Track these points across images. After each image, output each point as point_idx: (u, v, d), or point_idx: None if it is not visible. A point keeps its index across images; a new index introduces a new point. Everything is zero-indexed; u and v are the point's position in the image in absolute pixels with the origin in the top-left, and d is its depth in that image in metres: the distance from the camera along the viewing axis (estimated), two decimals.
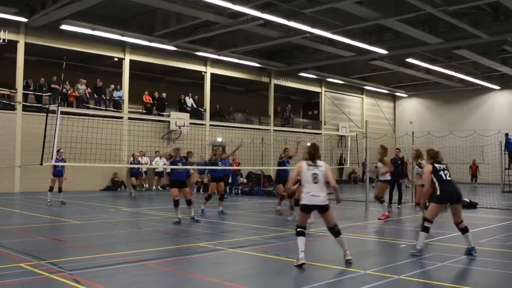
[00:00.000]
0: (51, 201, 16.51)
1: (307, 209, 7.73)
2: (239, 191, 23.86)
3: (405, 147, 23.47)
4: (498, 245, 9.72)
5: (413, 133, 20.13)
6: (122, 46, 26.27)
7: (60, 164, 15.29)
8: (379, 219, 13.64)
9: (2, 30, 22.15)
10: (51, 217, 13.65)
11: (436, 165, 8.75)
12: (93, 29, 22.94)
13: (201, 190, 24.92)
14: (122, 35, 24.21)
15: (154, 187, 26.43)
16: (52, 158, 11.32)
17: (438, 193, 8.47)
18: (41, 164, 11.87)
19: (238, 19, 21.88)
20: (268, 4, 19.90)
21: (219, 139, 29.29)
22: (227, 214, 14.63)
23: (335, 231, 7.76)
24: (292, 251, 8.74)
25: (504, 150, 27.03)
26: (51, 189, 16.77)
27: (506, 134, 27.04)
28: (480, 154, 29.26)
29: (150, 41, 24.93)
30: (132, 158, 23.69)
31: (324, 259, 8.22)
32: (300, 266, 7.27)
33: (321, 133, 34.28)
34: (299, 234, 7.62)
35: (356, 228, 12.28)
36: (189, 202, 12.97)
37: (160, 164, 24.47)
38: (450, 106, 39.93)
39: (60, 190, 17.00)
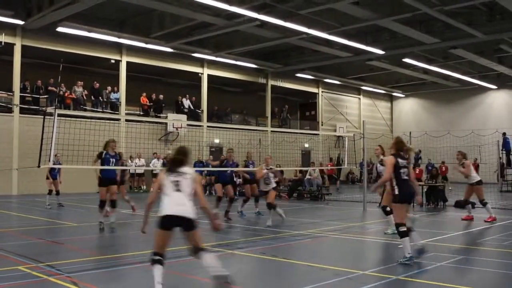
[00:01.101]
0: (50, 204, 16.48)
1: (167, 224, 6.02)
2: (237, 193, 23.82)
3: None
4: (496, 245, 9.73)
5: (410, 133, 20.18)
6: (118, 48, 26.25)
7: (57, 167, 15.28)
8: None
9: None
10: (48, 220, 13.62)
11: (399, 159, 7.98)
12: (89, 31, 22.92)
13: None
14: (119, 37, 24.20)
15: (151, 189, 26.40)
16: (49, 160, 11.30)
17: (396, 192, 7.86)
18: (39, 166, 11.86)
19: (234, 20, 21.88)
20: (265, 5, 19.93)
21: (217, 141, 29.30)
22: (263, 215, 14.53)
23: (199, 253, 6.05)
24: (290, 253, 8.75)
25: (502, 149, 27.07)
26: (50, 192, 16.74)
27: (504, 134, 27.09)
28: (477, 153, 29.29)
29: (146, 42, 24.93)
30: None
31: (321, 260, 8.22)
32: None
33: (318, 134, 34.33)
34: (155, 262, 5.90)
35: (354, 228, 12.29)
36: (113, 204, 11.83)
37: (158, 165, 24.47)
38: (447, 105, 39.99)
39: (57, 193, 16.96)
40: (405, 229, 7.74)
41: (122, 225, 12.82)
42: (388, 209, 11.12)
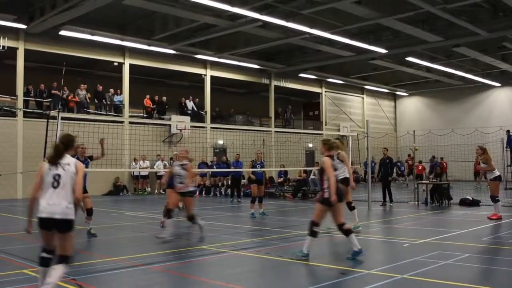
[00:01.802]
0: None
1: (45, 226, 5.42)
2: (241, 193, 23.85)
3: (407, 146, 23.51)
4: (502, 243, 9.70)
5: (414, 131, 20.11)
6: (121, 50, 26.29)
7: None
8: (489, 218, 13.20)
9: (1, 37, 22.17)
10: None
11: (332, 162, 8.13)
12: (92, 34, 22.97)
13: (204, 193, 24.94)
14: (121, 40, 24.23)
15: (156, 191, 26.44)
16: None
17: (326, 196, 7.84)
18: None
19: (237, 21, 21.89)
20: (267, 5, 19.93)
21: (220, 142, 29.31)
22: (268, 215, 14.59)
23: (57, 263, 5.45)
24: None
25: (506, 147, 26.97)
26: None
27: (508, 131, 26.98)
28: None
29: (149, 45, 24.96)
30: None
31: (327, 260, 8.21)
32: None
33: (322, 134, 34.28)
34: (42, 261, 5.57)
35: (359, 228, 12.25)
36: (89, 212, 11.14)
37: (162, 167, 24.48)
38: (451, 104, 39.88)
39: None
40: (317, 230, 7.94)
41: (126, 227, 12.85)
42: (353, 205, 11.31)
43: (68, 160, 5.53)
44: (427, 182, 18.43)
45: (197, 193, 24.74)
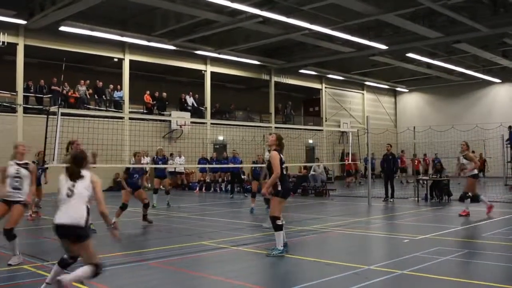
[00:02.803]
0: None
1: (59, 234, 5.66)
2: (242, 189, 23.87)
3: (407, 142, 23.50)
4: (501, 239, 9.70)
5: (414, 128, 20.11)
6: (121, 46, 26.25)
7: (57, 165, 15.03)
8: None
9: (1, 33, 22.12)
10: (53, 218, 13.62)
11: (281, 155, 8.31)
12: (92, 30, 22.93)
13: (204, 188, 24.95)
14: (121, 36, 24.19)
15: (156, 187, 26.41)
16: (54, 160, 11.32)
17: (279, 188, 8.12)
18: (43, 165, 11.89)
19: (237, 17, 21.84)
20: (267, 1, 19.88)
21: (220, 138, 29.31)
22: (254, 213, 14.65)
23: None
24: (295, 248, 8.74)
25: (507, 142, 26.93)
26: None
27: (510, 127, 26.93)
28: (482, 147, 29.21)
29: (149, 40, 24.92)
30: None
31: (327, 256, 8.22)
32: None
33: (322, 130, 34.30)
34: (61, 262, 5.80)
35: (359, 224, 12.28)
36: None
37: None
38: (451, 100, 39.86)
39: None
40: (282, 223, 8.08)
41: (125, 223, 12.85)
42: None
43: (84, 173, 5.83)
44: (426, 178, 18.42)
45: (197, 189, 24.82)
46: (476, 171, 13.63)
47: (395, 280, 6.53)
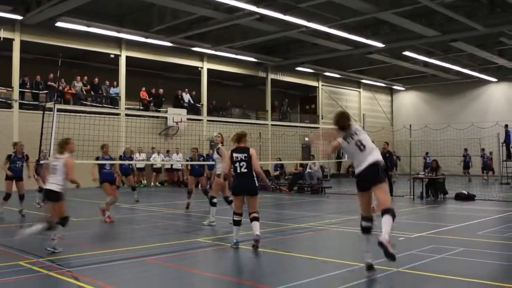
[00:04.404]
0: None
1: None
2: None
3: (403, 140, 23.52)
4: (496, 237, 9.73)
5: (410, 126, 20.13)
6: (118, 42, 26.19)
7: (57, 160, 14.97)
8: None
9: None
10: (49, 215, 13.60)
11: (234, 154, 8.50)
12: (88, 26, 22.87)
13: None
14: (118, 32, 24.14)
15: (152, 184, 26.44)
16: (49, 156, 11.30)
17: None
18: (39, 161, 11.87)
19: (234, 14, 21.82)
20: None
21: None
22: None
23: None
24: (290, 246, 8.76)
25: (503, 142, 27.00)
26: (40, 189, 16.00)
27: (506, 126, 26.97)
28: (478, 146, 29.27)
29: (146, 37, 24.88)
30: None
31: (322, 253, 8.23)
32: None
33: (318, 127, 34.30)
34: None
35: (354, 221, 12.27)
36: (21, 197, 13.29)
37: (158, 160, 24.44)
38: (448, 98, 39.93)
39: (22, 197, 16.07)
40: (239, 219, 8.45)
41: (122, 219, 12.84)
42: (214, 200, 11.18)
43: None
44: (423, 176, 18.45)
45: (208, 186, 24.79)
46: None
47: (390, 277, 6.54)
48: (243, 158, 8.38)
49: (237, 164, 8.38)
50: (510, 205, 15.58)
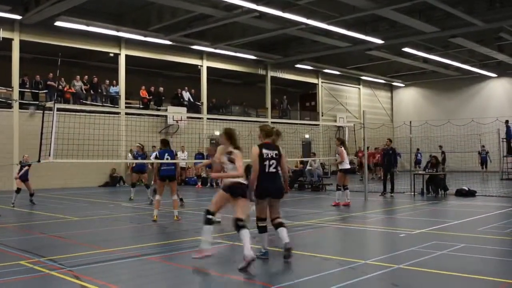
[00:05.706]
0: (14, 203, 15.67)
1: None
2: None
3: (403, 136, 23.47)
4: (497, 233, 9.73)
5: (410, 122, 20.09)
6: (117, 41, 26.17)
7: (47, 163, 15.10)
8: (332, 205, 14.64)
9: None
10: (50, 214, 13.63)
11: (264, 150, 7.28)
12: (87, 25, 22.84)
13: (200, 183, 24.88)
14: (117, 31, 24.12)
15: (152, 182, 26.38)
16: (50, 155, 11.30)
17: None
18: (39, 161, 11.84)
19: (233, 11, 21.79)
20: None
21: (217, 133, 29.25)
22: None
23: None
24: (292, 243, 8.74)
25: (504, 138, 26.98)
26: (18, 190, 15.99)
27: (506, 121, 26.94)
28: (478, 142, 29.26)
29: (145, 35, 24.85)
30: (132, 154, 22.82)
31: (323, 250, 8.23)
32: None
33: (318, 124, 34.29)
34: None
35: (355, 218, 12.30)
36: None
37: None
38: (448, 94, 39.92)
39: (23, 193, 16.00)
40: (265, 224, 7.41)
41: (123, 218, 12.85)
42: (210, 217, 10.47)
43: None
44: (423, 172, 18.44)
45: (200, 184, 24.80)
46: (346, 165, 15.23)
47: (391, 274, 6.54)
48: (274, 155, 7.29)
49: (266, 162, 7.21)
50: (511, 201, 15.57)
